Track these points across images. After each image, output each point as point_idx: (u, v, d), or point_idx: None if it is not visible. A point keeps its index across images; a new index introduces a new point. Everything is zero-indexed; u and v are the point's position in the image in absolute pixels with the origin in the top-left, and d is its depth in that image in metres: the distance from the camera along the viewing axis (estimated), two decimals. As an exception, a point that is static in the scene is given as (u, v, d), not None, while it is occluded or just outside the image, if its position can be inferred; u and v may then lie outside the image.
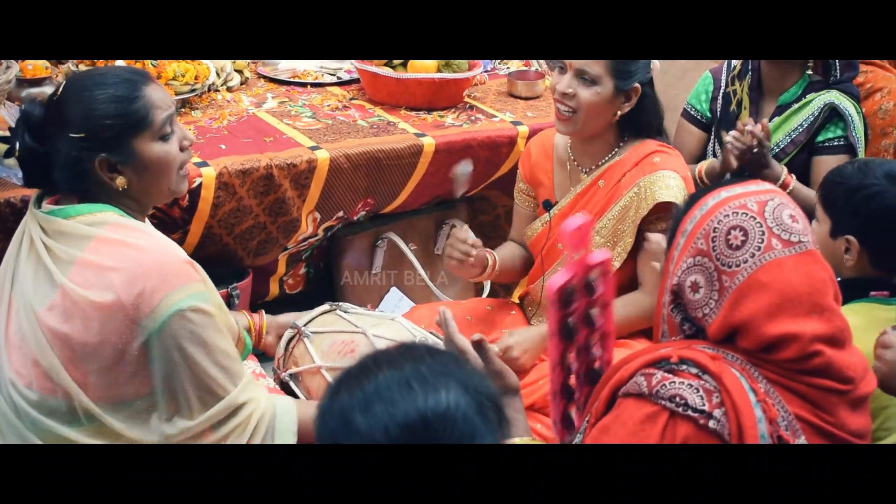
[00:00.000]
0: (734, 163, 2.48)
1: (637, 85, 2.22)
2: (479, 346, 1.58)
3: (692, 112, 2.83)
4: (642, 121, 2.29)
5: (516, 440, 1.55)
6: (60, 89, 1.74)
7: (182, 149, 1.81)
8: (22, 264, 1.75)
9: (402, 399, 1.08)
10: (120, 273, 1.66)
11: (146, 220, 1.86)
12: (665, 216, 2.20)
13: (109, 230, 1.71)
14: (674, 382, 1.43)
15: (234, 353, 1.80)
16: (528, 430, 1.60)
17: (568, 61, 2.22)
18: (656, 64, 2.27)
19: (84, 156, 1.70)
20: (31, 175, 1.79)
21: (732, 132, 2.48)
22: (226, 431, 1.76)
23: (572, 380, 1.63)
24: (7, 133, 1.83)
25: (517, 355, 2.22)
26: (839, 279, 1.92)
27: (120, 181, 1.73)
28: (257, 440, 1.79)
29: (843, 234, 1.93)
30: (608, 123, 2.26)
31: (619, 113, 2.25)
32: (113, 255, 1.68)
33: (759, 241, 1.44)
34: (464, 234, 2.31)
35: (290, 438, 1.82)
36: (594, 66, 2.18)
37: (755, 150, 2.44)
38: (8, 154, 1.79)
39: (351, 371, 1.14)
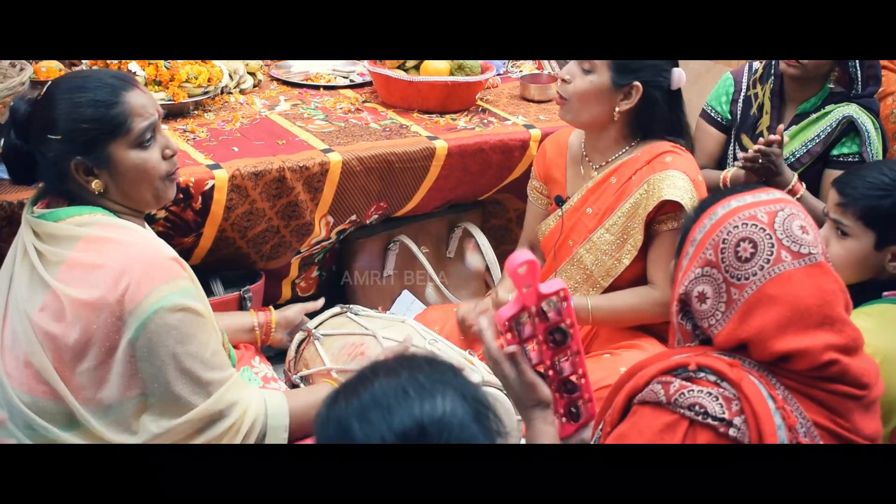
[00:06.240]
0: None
1: (637, 84, 2.22)
2: (512, 358, 1.55)
3: (712, 113, 2.80)
4: (655, 125, 2.29)
5: None
6: (45, 90, 1.75)
7: (164, 157, 1.79)
8: (17, 269, 1.76)
9: (398, 406, 1.08)
10: (106, 270, 1.66)
11: (144, 224, 1.85)
12: (673, 215, 2.22)
13: (97, 229, 1.72)
14: (692, 391, 1.42)
15: (222, 351, 1.79)
16: (557, 441, 1.58)
17: None
18: (682, 76, 2.26)
19: (61, 157, 1.71)
20: (15, 172, 1.81)
21: (744, 154, 2.46)
22: (218, 433, 1.75)
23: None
24: None
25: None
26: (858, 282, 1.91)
27: (96, 184, 1.73)
28: (251, 441, 1.79)
29: (894, 243, 1.91)
30: (608, 118, 2.27)
31: (618, 109, 2.25)
32: (99, 252, 1.69)
33: (769, 253, 1.42)
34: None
35: (283, 434, 1.82)
36: None
37: (770, 159, 2.43)
38: None
39: (349, 381, 1.15)
